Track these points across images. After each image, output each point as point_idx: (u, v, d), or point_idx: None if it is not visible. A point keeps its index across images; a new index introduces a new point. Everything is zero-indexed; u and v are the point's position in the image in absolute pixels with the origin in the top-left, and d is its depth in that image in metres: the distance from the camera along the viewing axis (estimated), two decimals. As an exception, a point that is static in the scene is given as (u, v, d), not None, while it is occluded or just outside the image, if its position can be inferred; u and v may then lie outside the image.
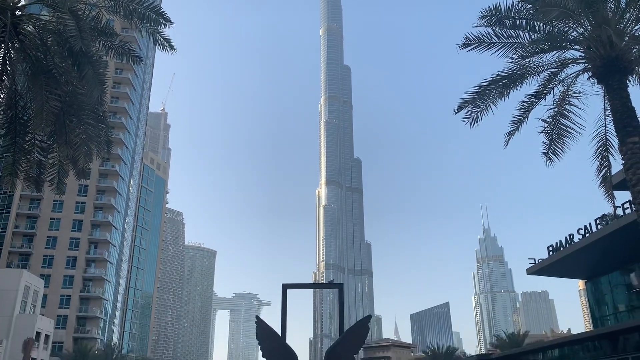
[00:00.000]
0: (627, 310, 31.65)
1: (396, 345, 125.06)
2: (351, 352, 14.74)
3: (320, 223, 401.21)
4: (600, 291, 34.51)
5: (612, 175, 13.60)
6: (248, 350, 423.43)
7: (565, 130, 12.88)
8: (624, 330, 26.19)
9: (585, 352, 29.43)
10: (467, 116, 13.58)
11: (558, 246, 31.38)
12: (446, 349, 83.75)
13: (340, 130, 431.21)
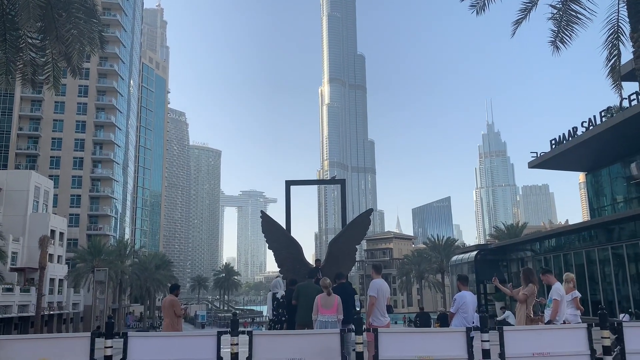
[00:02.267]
0: (624, 201, 32.32)
1: (397, 237, 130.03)
2: (353, 243, 15.32)
3: (323, 122, 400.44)
4: (599, 183, 35.04)
5: (621, 64, 13.18)
6: (256, 243, 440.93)
7: (575, 16, 12.26)
8: (620, 220, 26.91)
9: (581, 241, 30.47)
10: (473, 4, 12.92)
11: (561, 139, 31.39)
12: (446, 239, 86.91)
13: (343, 24, 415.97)
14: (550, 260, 32.84)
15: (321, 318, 9.39)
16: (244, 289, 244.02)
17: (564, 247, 32.03)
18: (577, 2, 12.18)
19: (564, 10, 12.27)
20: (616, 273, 26.79)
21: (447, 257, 72.30)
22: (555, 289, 9.01)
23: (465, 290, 9.10)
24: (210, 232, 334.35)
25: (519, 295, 9.21)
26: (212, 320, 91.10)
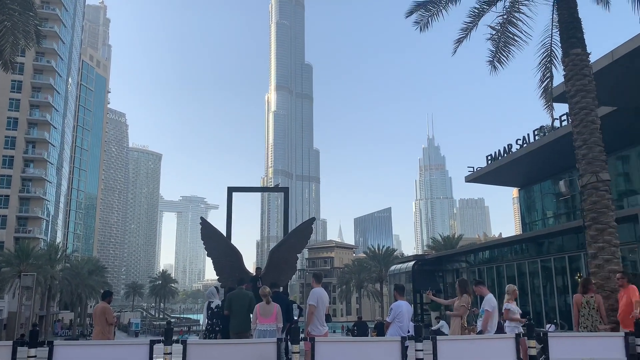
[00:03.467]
0: (554, 216, 33.98)
1: (339, 247, 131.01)
2: (295, 251, 15.30)
3: (269, 129, 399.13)
4: (531, 198, 36.69)
5: (553, 86, 13.90)
6: (195, 250, 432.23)
7: (512, 38, 12.87)
8: (549, 234, 28.23)
9: (513, 254, 31.73)
10: (417, 20, 13.29)
11: (496, 155, 32.68)
12: (385, 249, 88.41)
13: (292, 33, 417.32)
14: (483, 272, 33.99)
15: (260, 327, 9.31)
16: (181, 297, 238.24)
17: (497, 259, 33.24)
18: (514, 25, 12.78)
19: (502, 31, 12.84)
20: (544, 285, 28.03)
21: (386, 266, 73.48)
22: (487, 300, 9.32)
23: (401, 300, 9.25)
24: (148, 238, 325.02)
25: (460, 308, 9.45)
26: (147, 329, 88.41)
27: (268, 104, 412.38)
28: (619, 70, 18.12)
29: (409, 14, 13.32)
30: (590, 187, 11.11)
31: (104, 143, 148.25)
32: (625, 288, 9.78)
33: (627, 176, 27.72)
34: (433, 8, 13.01)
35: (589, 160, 11.28)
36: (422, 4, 13.03)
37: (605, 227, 10.81)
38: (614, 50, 18.07)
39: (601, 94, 18.98)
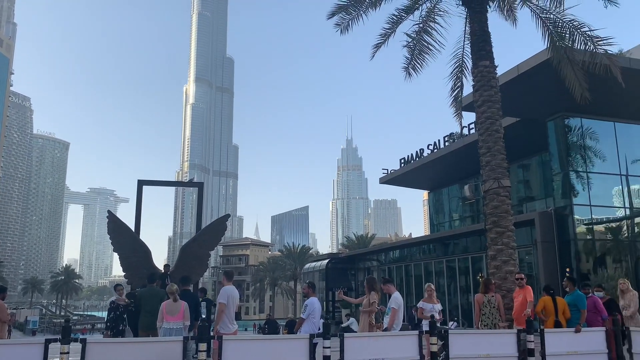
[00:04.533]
0: (459, 218, 35.77)
1: (255, 244, 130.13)
2: (207, 248, 14.99)
3: (186, 122, 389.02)
4: (440, 201, 38.38)
5: (463, 96, 14.61)
6: (102, 245, 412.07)
7: (427, 47, 13.40)
8: (454, 236, 29.69)
9: (421, 254, 33.04)
10: (338, 23, 13.48)
11: (409, 159, 33.91)
12: (301, 247, 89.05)
13: (214, 24, 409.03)
14: (393, 270, 35.15)
15: (166, 325, 9.04)
16: (85, 294, 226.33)
17: (406, 258, 34.48)
18: (429, 35, 13.32)
19: (418, 40, 13.34)
20: (449, 284, 29.44)
21: (301, 264, 74.00)
22: (394, 298, 9.63)
23: (313, 297, 9.36)
24: (51, 230, 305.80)
25: (370, 307, 9.68)
26: (46, 327, 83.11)
27: (186, 96, 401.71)
28: (523, 84, 19.38)
29: (330, 15, 13.48)
30: (492, 192, 11.79)
31: (5, 127, 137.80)
32: (523, 288, 10.48)
33: (527, 183, 29.71)
34: (354, 11, 13.25)
35: (492, 167, 11.98)
36: (344, 7, 13.24)
37: (505, 231, 11.52)
38: (519, 65, 19.30)
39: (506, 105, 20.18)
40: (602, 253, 21.85)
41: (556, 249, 21.40)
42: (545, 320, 10.13)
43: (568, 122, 22.00)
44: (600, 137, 22.22)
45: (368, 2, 13.10)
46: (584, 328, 9.71)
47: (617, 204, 22.49)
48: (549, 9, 12.90)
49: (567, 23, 12.63)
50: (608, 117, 22.03)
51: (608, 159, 22.16)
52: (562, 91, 13.63)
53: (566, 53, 12.63)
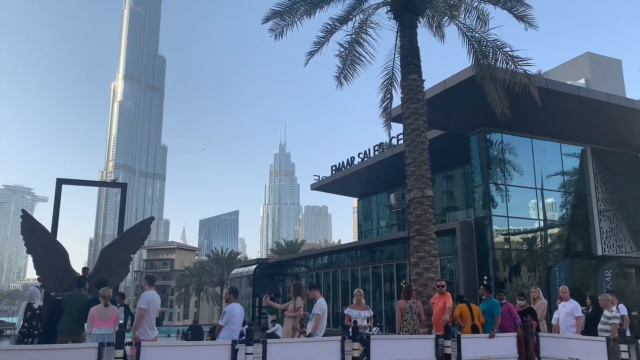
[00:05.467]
0: (386, 226, 36.61)
1: (181, 248, 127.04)
2: (128, 251, 14.42)
3: (113, 120, 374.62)
4: (368, 209, 39.12)
5: (392, 107, 15.01)
6: (16, 246, 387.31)
7: (358, 57, 13.71)
8: (381, 243, 30.33)
9: (349, 260, 33.48)
10: (273, 28, 13.51)
11: (340, 166, 34.39)
12: (229, 252, 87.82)
13: (146, 21, 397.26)
14: (321, 276, 35.38)
15: (97, 331, 8.67)
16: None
17: (334, 264, 34.82)
18: (361, 46, 13.63)
19: (350, 50, 13.61)
20: (374, 290, 29.99)
21: (228, 270, 72.93)
22: (318, 304, 9.69)
23: (235, 303, 9.23)
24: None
25: (296, 312, 9.68)
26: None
27: (114, 93, 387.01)
28: (449, 98, 20.15)
29: (265, 20, 13.49)
30: (416, 201, 12.18)
31: None
32: (443, 294, 10.88)
33: (450, 194, 30.88)
34: (289, 18, 13.33)
35: (417, 177, 12.38)
36: (278, 13, 13.28)
37: (427, 239, 11.92)
38: (446, 80, 20.06)
39: (433, 118, 20.88)
40: (517, 262, 23.03)
41: (475, 257, 22.33)
42: (463, 326, 10.56)
43: (490, 136, 23.08)
44: (519, 152, 23.47)
45: (303, 10, 13.22)
46: (498, 334, 10.20)
47: (533, 216, 23.78)
48: (475, 28, 13.53)
49: (491, 42, 13.29)
50: (526, 133, 23.33)
51: (525, 173, 23.43)
52: (485, 107, 14.30)
53: (489, 71, 13.28)
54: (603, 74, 32.35)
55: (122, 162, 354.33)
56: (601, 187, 24.62)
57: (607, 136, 24.08)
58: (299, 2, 13.07)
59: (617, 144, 24.76)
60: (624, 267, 24.33)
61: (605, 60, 34.24)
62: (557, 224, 24.31)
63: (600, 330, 10.25)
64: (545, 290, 19.75)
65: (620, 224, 24.12)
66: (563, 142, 24.40)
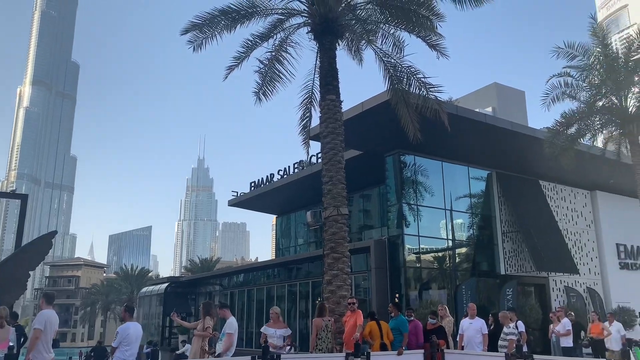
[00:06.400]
0: (304, 244, 36.71)
1: (88, 265, 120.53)
2: (26, 268, 13.42)
3: (17, 126, 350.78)
4: (287, 226, 39.07)
5: (311, 126, 15.17)
6: None
7: (278, 74, 13.80)
8: (297, 260, 30.33)
9: (266, 278, 33.16)
10: (192, 40, 13.30)
11: (259, 183, 34.17)
12: (140, 270, 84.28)
13: (59, 25, 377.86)
14: (236, 295, 34.74)
15: (-10, 355, 7.96)
16: None
17: (249, 283, 34.33)
18: (281, 63, 13.73)
19: (270, 67, 13.67)
20: (290, 308, 29.85)
21: (138, 288, 69.81)
22: (229, 324, 9.48)
23: (130, 322, 8.74)
24: None
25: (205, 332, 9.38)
26: None
27: (20, 98, 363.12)
28: (367, 120, 20.68)
29: (184, 32, 13.25)
30: (331, 219, 12.32)
31: None
32: (354, 312, 11.00)
33: (367, 212, 31.55)
34: (208, 31, 13.17)
35: (333, 195, 12.54)
36: (198, 25, 13.10)
37: (341, 257, 12.06)
38: (364, 102, 20.59)
39: (351, 138, 21.32)
40: (427, 280, 23.83)
41: (388, 275, 22.87)
42: (372, 343, 10.73)
43: (404, 158, 23.88)
44: (430, 174, 24.45)
45: (223, 24, 13.13)
46: (406, 351, 10.45)
47: (442, 235, 24.76)
48: (391, 54, 14.05)
49: (406, 68, 13.83)
50: (437, 156, 24.38)
51: (436, 195, 24.41)
52: (399, 130, 14.79)
53: (403, 96, 13.79)
54: (508, 103, 34.61)
55: (26, 172, 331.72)
56: (505, 210, 26.15)
57: (510, 162, 25.68)
58: (219, 16, 12.97)
59: (519, 170, 26.46)
60: (525, 286, 25.87)
61: (510, 90, 36.68)
62: (464, 244, 25.47)
63: (500, 346, 10.79)
64: (453, 308, 20.56)
65: (521, 245, 25.67)
66: (471, 166, 25.70)
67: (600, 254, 29.39)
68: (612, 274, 29.16)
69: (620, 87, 20.17)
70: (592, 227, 29.64)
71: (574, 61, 20.87)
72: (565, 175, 26.16)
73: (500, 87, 36.07)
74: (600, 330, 16.36)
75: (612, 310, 25.73)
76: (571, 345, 14.81)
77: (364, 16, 13.88)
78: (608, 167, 24.19)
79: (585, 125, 21.30)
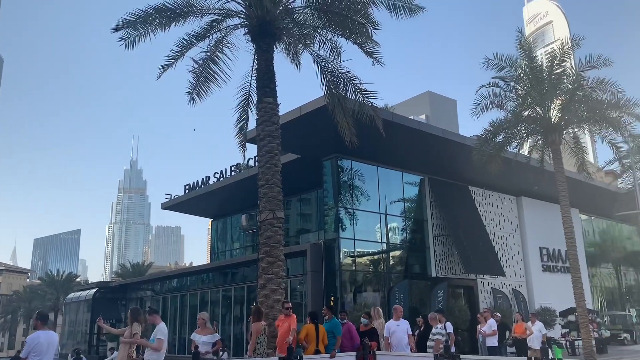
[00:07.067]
0: (241, 248, 36.30)
1: (9, 270, 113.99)
2: None
3: None
4: (223, 230, 38.51)
5: (248, 128, 15.04)
6: None
7: (212, 75, 13.59)
8: (233, 265, 29.97)
9: (199, 283, 32.52)
10: (124, 37, 12.86)
11: (194, 186, 33.49)
12: (66, 275, 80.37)
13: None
14: (168, 300, 33.86)
15: None
16: None
17: (183, 288, 33.56)
18: (216, 64, 13.54)
19: (204, 67, 13.44)
20: (224, 314, 29.41)
21: (65, 294, 66.46)
22: (159, 329, 9.21)
23: (42, 330, 8.16)
24: None
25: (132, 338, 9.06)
26: None
27: None
28: (305, 124, 20.76)
29: (116, 29, 12.79)
30: (267, 223, 12.24)
31: None
32: (288, 316, 10.97)
33: (305, 216, 31.62)
34: (142, 29, 12.79)
35: (269, 199, 12.47)
36: (131, 22, 12.69)
37: (275, 260, 12.00)
38: (302, 106, 20.65)
39: (290, 141, 21.32)
40: (362, 283, 24.19)
41: (324, 278, 23.01)
42: (307, 347, 10.74)
43: (341, 163, 24.15)
44: (366, 178, 24.86)
45: (158, 23, 12.79)
46: (338, 353, 10.53)
47: (377, 239, 25.22)
48: (328, 59, 14.17)
49: (343, 74, 14.00)
50: (373, 161, 24.82)
51: (371, 199, 24.84)
52: (337, 134, 14.93)
53: (340, 101, 13.94)
54: (441, 111, 35.77)
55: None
56: (436, 214, 26.97)
57: (442, 168, 26.54)
58: (153, 14, 12.62)
59: (450, 176, 27.39)
60: (455, 288, 26.76)
61: (443, 99, 37.93)
62: (398, 247, 26.06)
63: (429, 346, 11.09)
64: (386, 310, 20.94)
65: (451, 248, 26.55)
66: (405, 172, 26.36)
67: (525, 257, 30.89)
68: (536, 276, 30.72)
69: (544, 98, 21.27)
70: (518, 231, 31.10)
71: (502, 72, 21.82)
72: (493, 181, 27.33)
73: (433, 96, 37.22)
74: (523, 330, 17.16)
75: (535, 310, 27.10)
76: (496, 345, 15.44)
77: (301, 20, 13.91)
78: (532, 174, 25.49)
79: (512, 134, 22.29)
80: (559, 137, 21.45)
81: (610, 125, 21.29)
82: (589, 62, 20.94)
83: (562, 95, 21.60)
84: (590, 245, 38.33)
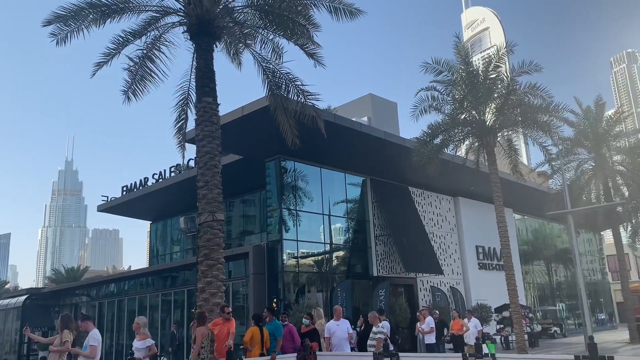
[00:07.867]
0: (181, 251, 35.53)
1: None
2: None
3: None
4: (163, 233, 37.57)
5: (187, 129, 14.71)
6: None
7: (149, 74, 13.22)
8: (172, 268, 29.27)
9: (138, 287, 31.55)
10: (54, 33, 12.28)
11: (132, 187, 32.48)
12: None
13: None
14: (104, 306, 32.69)
15: None
16: None
17: (121, 292, 32.47)
18: (153, 62, 13.17)
19: (141, 65, 13.04)
20: (164, 318, 28.67)
21: (-8, 302, 63.00)
22: (91, 336, 8.87)
23: None
24: None
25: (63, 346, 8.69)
26: None
27: None
28: (247, 124, 20.55)
29: (46, 24, 12.19)
30: (206, 225, 12.02)
31: None
32: (228, 321, 10.82)
33: (247, 218, 31.31)
34: (74, 24, 12.25)
35: (208, 201, 12.25)
36: (63, 17, 12.12)
37: (215, 263, 11.79)
38: (244, 106, 20.44)
39: (231, 142, 21.07)
40: (306, 284, 24.21)
41: (266, 280, 22.87)
42: (251, 350, 10.63)
43: (284, 164, 24.09)
44: (310, 180, 24.92)
45: (92, 18, 12.28)
46: (279, 355, 10.49)
47: (320, 240, 25.33)
48: (270, 60, 14.08)
49: (284, 75, 13.94)
50: (316, 163, 24.92)
51: (315, 200, 24.93)
52: (279, 135, 14.84)
53: (282, 102, 13.87)
54: (382, 113, 36.40)
55: None
56: (377, 214, 27.40)
57: (383, 169, 27.00)
58: (86, 9, 12.11)
59: (391, 177, 27.90)
60: (396, 287, 27.26)
61: (384, 101, 38.61)
62: (341, 248, 26.27)
63: (369, 345, 11.23)
64: (329, 311, 21.05)
65: (392, 247, 27.04)
66: (347, 173, 26.63)
67: (462, 255, 31.91)
68: (472, 274, 31.79)
69: (479, 102, 22.06)
70: (455, 230, 32.09)
71: (440, 76, 22.48)
72: (431, 182, 28.05)
73: (375, 98, 37.83)
74: (460, 326, 17.71)
75: (472, 307, 28.03)
76: (434, 342, 15.85)
77: (242, 20, 13.74)
78: (469, 175, 26.40)
79: (449, 137, 22.99)
80: (493, 140, 22.29)
81: (540, 129, 22.34)
82: (521, 67, 21.92)
83: (497, 99, 22.48)
84: (524, 243, 40.07)
